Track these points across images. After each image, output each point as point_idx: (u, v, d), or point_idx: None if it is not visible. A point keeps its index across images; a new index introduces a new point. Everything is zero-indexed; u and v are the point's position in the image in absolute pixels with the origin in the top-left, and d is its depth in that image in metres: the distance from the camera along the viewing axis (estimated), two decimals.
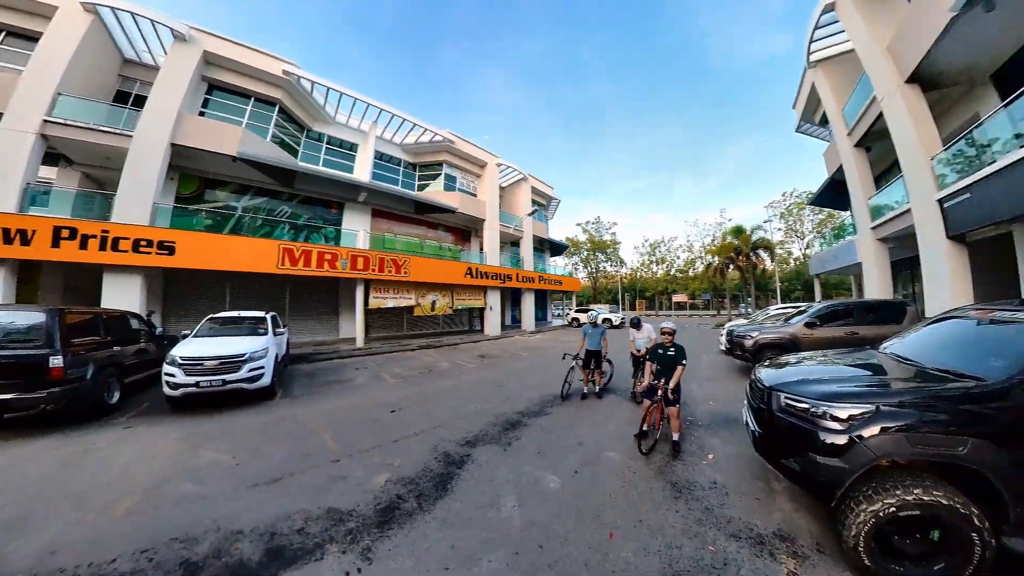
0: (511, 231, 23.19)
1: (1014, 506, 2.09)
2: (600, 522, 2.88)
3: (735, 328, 9.68)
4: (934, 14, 7.62)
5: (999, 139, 7.12)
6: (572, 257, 52.93)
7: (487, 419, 5.38)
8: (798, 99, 17.15)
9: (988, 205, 7.26)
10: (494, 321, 20.00)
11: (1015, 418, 2.16)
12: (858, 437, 2.37)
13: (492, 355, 12.26)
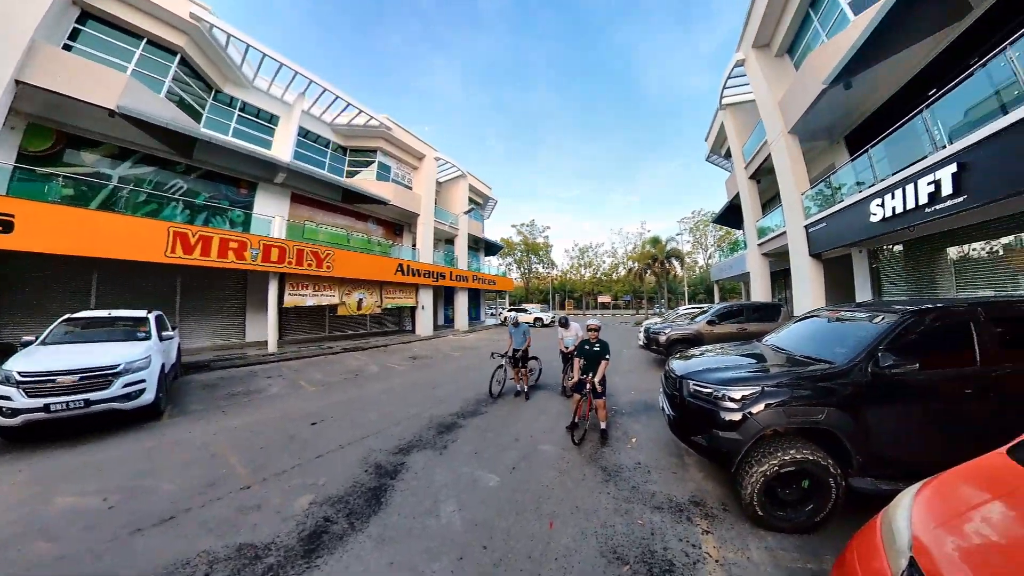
0: (446, 228, 22.60)
1: (856, 456, 2.75)
2: (540, 513, 3.00)
3: (651, 325, 10.82)
4: (812, 84, 9.45)
5: (845, 184, 9.31)
6: (506, 258, 53.87)
7: (421, 423, 5.18)
8: (710, 133, 20.08)
9: (836, 233, 9.35)
10: (426, 321, 19.29)
11: (854, 391, 2.82)
12: (749, 413, 2.90)
13: (424, 356, 11.84)
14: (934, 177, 6.18)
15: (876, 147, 8.13)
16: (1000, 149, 5.24)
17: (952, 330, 3.04)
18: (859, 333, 3.24)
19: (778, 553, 2.54)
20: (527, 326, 6.78)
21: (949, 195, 5.99)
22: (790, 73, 11.97)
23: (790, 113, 10.96)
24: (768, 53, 12.51)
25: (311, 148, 17.01)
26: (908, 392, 2.84)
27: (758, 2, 11.56)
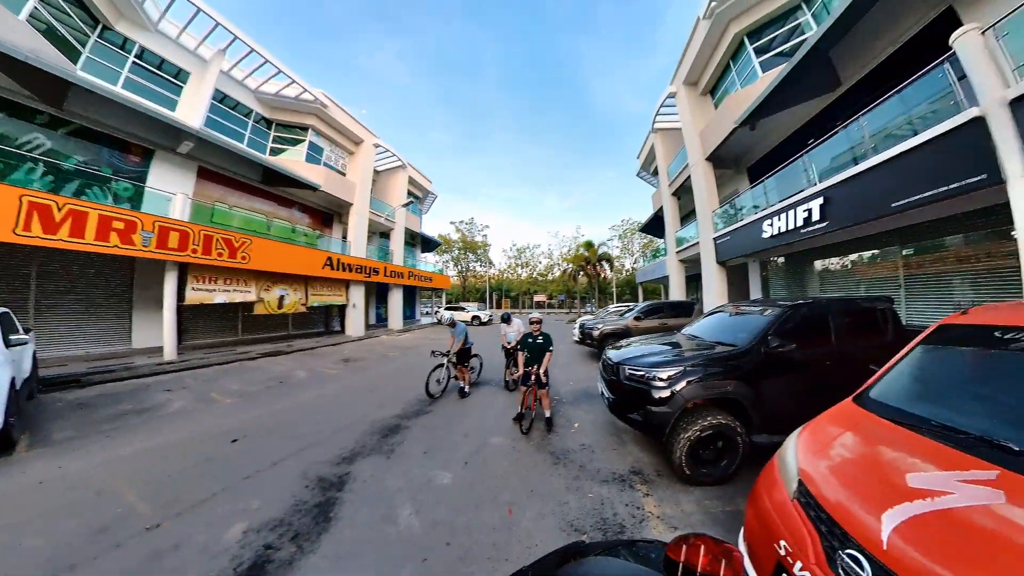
0: (382, 221, 21.33)
1: (755, 417, 3.43)
2: (498, 503, 3.11)
3: (585, 322, 11.68)
4: (726, 122, 11.17)
5: (745, 207, 11.14)
6: (443, 255, 52.87)
7: (363, 429, 4.90)
8: (641, 152, 22.12)
9: (737, 245, 11.05)
10: (357, 320, 18.01)
11: (752, 367, 3.56)
12: (675, 390, 3.46)
13: (358, 358, 11.15)
14: (808, 206, 7.74)
15: (769, 179, 9.91)
16: (852, 189, 6.78)
17: (817, 319, 3.96)
18: (754, 323, 4.03)
19: (704, 503, 3.11)
20: (464, 325, 6.73)
21: (817, 220, 7.56)
22: (711, 110, 13.94)
23: (708, 143, 12.83)
24: (695, 90, 14.46)
25: (228, 116, 14.58)
26: (789, 365, 3.63)
27: (691, 47, 13.12)
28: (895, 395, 2.21)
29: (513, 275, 60.06)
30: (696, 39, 12.59)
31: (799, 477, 1.83)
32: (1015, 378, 1.90)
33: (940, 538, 1.28)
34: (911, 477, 1.55)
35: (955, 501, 1.37)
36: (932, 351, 2.33)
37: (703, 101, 14.33)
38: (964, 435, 1.70)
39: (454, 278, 54.30)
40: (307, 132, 17.04)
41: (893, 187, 5.89)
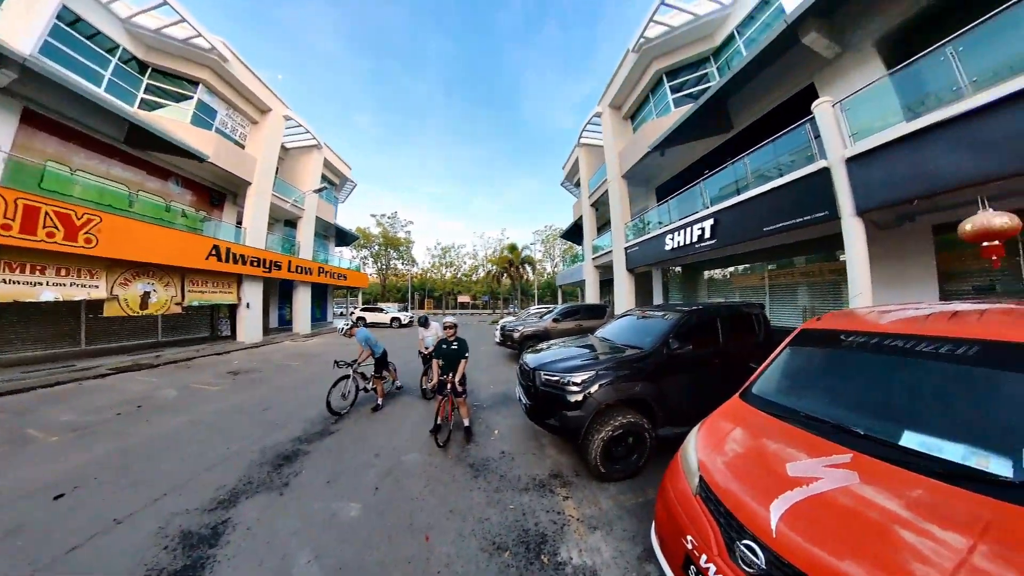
0: (288, 206, 18.23)
1: (660, 413, 3.67)
2: (414, 530, 2.82)
3: (507, 323, 11.78)
4: (641, 146, 12.50)
5: (652, 222, 12.41)
6: (361, 250, 49.17)
7: (249, 460, 4.04)
8: (567, 164, 23.33)
9: (644, 255, 12.24)
10: (253, 323, 15.30)
11: (656, 367, 3.83)
12: (588, 394, 3.54)
13: (251, 370, 9.42)
14: (701, 225, 8.89)
15: (673, 200, 11.19)
16: (735, 214, 7.97)
17: (708, 323, 4.42)
18: (658, 326, 4.35)
19: (619, 497, 3.23)
20: (366, 332, 6.00)
21: (708, 238, 8.72)
22: (630, 133, 15.41)
23: (625, 163, 14.17)
24: (618, 114, 15.82)
25: (81, 48, 10.72)
26: (687, 364, 3.98)
27: (619, 75, 14.25)
28: (772, 391, 2.51)
29: (437, 275, 58.51)
30: (624, 69, 13.76)
31: (699, 472, 1.97)
32: (853, 372, 2.29)
33: (816, 521, 1.45)
34: (790, 467, 1.74)
35: (824, 485, 1.56)
36: (797, 351, 2.71)
37: (624, 125, 15.78)
38: (824, 423, 1.98)
39: (373, 276, 50.85)
40: (197, 88, 13.69)
41: (765, 215, 7.14)
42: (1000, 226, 4.33)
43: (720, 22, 11.11)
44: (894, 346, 2.17)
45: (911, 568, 1.21)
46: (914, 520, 1.35)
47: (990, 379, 1.73)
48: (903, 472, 1.54)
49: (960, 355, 1.88)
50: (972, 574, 1.14)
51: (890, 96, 5.63)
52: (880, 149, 5.22)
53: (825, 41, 7.27)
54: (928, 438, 1.66)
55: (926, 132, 4.71)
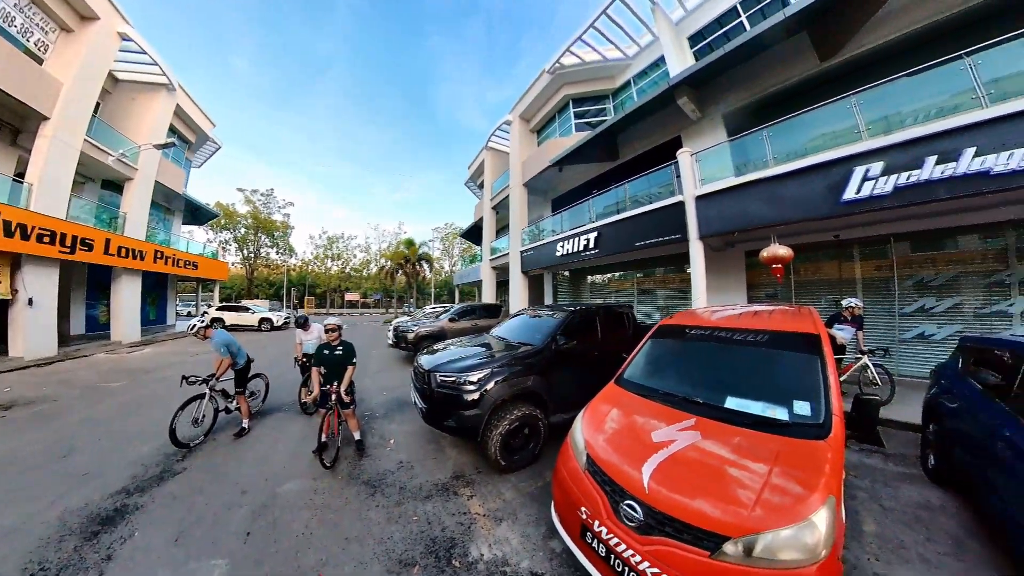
0: (111, 161, 12.89)
1: (551, 403, 3.95)
2: (303, 571, 2.42)
3: (400, 324, 11.19)
4: (542, 160, 13.68)
5: (546, 230, 13.57)
6: (222, 232, 40.53)
7: (39, 536, 2.75)
8: (473, 164, 23.48)
9: (537, 260, 13.29)
10: (39, 328, 10.31)
11: (546, 362, 4.09)
12: (485, 391, 3.59)
13: (37, 399, 6.51)
14: (587, 237, 10.18)
15: (565, 212, 12.45)
16: (614, 229, 9.39)
17: (589, 321, 4.97)
18: (547, 324, 4.71)
19: (520, 486, 3.40)
20: (226, 335, 4.82)
21: (592, 248, 10.03)
22: (534, 146, 16.48)
23: (527, 172, 15.13)
24: (527, 126, 16.73)
25: None
26: (572, 358, 4.39)
27: (532, 91, 15.14)
28: (638, 375, 3.06)
29: (321, 268, 51.84)
30: (538, 86, 14.73)
31: (586, 450, 2.25)
32: (694, 357, 3.01)
33: (675, 474, 1.84)
34: (654, 435, 2.14)
35: (678, 445, 1.99)
36: (656, 343, 3.35)
37: (530, 137, 16.86)
38: (676, 397, 2.53)
39: (236, 266, 42.47)
40: None
41: (637, 232, 8.72)
42: (783, 254, 6.34)
43: (621, 69, 13.10)
44: (719, 336, 3.00)
45: (736, 494, 1.68)
46: (736, 459, 1.89)
47: (775, 357, 2.56)
48: (728, 427, 2.13)
49: (758, 341, 2.73)
50: (772, 488, 1.66)
51: (727, 156, 7.53)
52: (717, 193, 6.95)
53: (692, 106, 9.27)
54: (742, 400, 2.32)
55: (745, 186, 6.55)
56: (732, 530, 1.55)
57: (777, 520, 1.53)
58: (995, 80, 4.72)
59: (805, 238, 7.29)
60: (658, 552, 1.65)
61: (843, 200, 5.36)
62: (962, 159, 4.49)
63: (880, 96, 5.64)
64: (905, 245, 6.72)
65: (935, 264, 6.46)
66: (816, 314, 3.17)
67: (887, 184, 5.00)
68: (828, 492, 1.60)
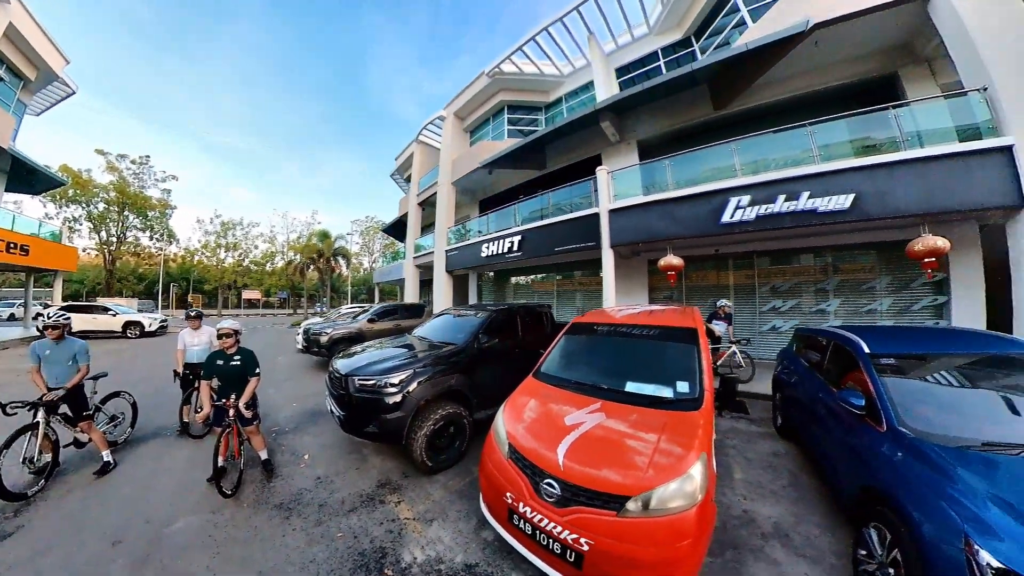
0: None
1: (474, 400, 4.03)
2: None
3: (312, 326, 10.12)
4: (473, 160, 13.69)
5: (472, 230, 13.66)
6: (70, 206, 29.82)
7: None
8: (400, 156, 22.40)
9: (462, 259, 13.31)
10: None
11: (469, 360, 4.17)
12: (407, 393, 3.53)
13: None
14: (512, 239, 10.60)
15: (492, 214, 12.69)
16: (538, 234, 9.99)
17: (510, 320, 5.19)
18: (470, 323, 4.79)
19: (448, 484, 3.42)
20: (82, 344, 3.85)
21: (516, 250, 10.49)
22: (466, 145, 16.36)
23: (457, 171, 14.93)
24: (460, 124, 16.51)
25: None
26: (494, 356, 4.51)
27: (469, 91, 15.15)
28: (554, 368, 3.36)
29: (212, 258, 43.43)
30: (475, 86, 14.78)
31: (508, 441, 2.42)
32: (601, 349, 3.44)
33: (585, 450, 2.12)
34: (567, 419, 2.41)
35: (587, 426, 2.28)
36: (570, 338, 3.70)
37: (463, 136, 16.72)
38: (586, 385, 2.87)
39: (91, 252, 34.02)
40: None
41: (557, 238, 9.44)
42: (676, 263, 7.64)
43: (556, 85, 14.14)
44: (621, 331, 3.51)
45: (634, 460, 2.03)
46: (634, 433, 2.26)
47: (663, 347, 3.09)
48: (627, 407, 2.52)
49: (652, 335, 3.27)
50: (661, 452, 2.03)
51: (638, 177, 8.65)
52: (627, 208, 7.93)
53: (612, 130, 10.35)
54: (638, 384, 2.76)
55: (650, 204, 7.63)
56: (632, 490, 1.85)
57: (665, 477, 1.88)
58: (825, 145, 6.47)
59: (694, 251, 8.65)
60: (575, 520, 1.88)
61: (721, 222, 6.69)
62: (801, 198, 6.03)
63: (752, 145, 7.22)
64: (765, 259, 8.55)
65: (783, 275, 8.35)
66: (697, 312, 3.88)
67: (752, 213, 6.39)
68: (701, 450, 2.01)
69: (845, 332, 3.34)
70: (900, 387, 2.54)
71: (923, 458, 2.03)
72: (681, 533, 1.75)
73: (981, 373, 2.67)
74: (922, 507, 1.84)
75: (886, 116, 6.19)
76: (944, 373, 2.68)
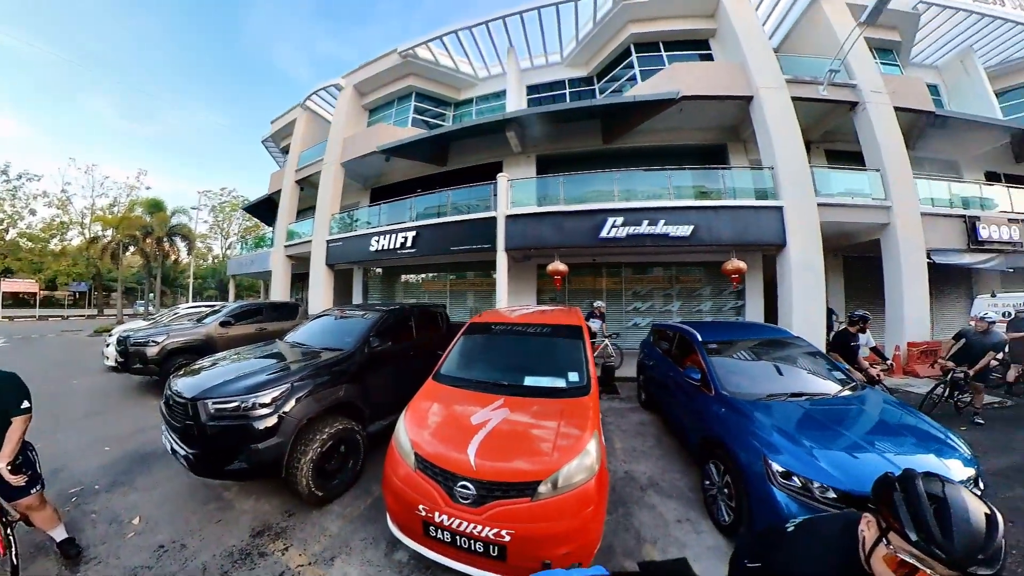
0: None
1: (368, 411, 3.64)
2: None
3: (132, 333, 7.63)
4: (369, 143, 12.33)
5: (361, 220, 12.48)
6: None
7: None
8: (279, 120, 18.19)
9: (347, 252, 12.00)
10: None
11: (359, 367, 3.72)
12: (284, 413, 2.91)
13: None
14: (405, 235, 10.07)
15: (386, 205, 11.82)
16: (433, 232, 9.81)
17: (404, 320, 4.86)
18: (358, 326, 4.27)
19: (346, 512, 2.98)
20: None
21: (410, 246, 10.03)
22: (363, 124, 14.51)
23: (348, 151, 13.03)
24: (360, 99, 14.51)
25: None
26: (387, 360, 4.12)
27: (376, 66, 13.61)
28: (454, 369, 3.34)
29: None
30: (384, 63, 13.35)
31: (414, 450, 2.29)
32: (500, 348, 3.62)
33: (494, 446, 2.19)
34: (473, 418, 2.44)
35: (493, 423, 2.35)
36: (468, 338, 3.73)
37: (361, 113, 14.80)
38: (487, 383, 2.96)
39: None
40: None
41: (454, 237, 9.45)
42: (562, 269, 8.60)
43: (469, 85, 13.94)
44: (518, 330, 3.77)
45: (540, 447, 2.21)
46: (537, 422, 2.44)
47: (555, 343, 3.45)
48: (528, 399, 2.71)
49: (544, 333, 3.62)
50: (562, 436, 2.24)
51: (533, 189, 9.41)
52: (523, 216, 8.82)
53: (516, 141, 10.86)
54: (536, 377, 3.01)
55: (543, 215, 8.51)
56: (542, 475, 2.00)
57: (569, 456, 2.09)
58: (677, 187, 8.58)
59: (576, 259, 9.73)
60: (494, 515, 1.94)
61: (600, 237, 8.10)
62: (659, 224, 7.83)
63: (628, 177, 8.99)
64: (629, 270, 10.61)
65: (642, 282, 10.55)
66: (579, 312, 4.48)
67: (624, 232, 7.98)
68: (593, 428, 2.31)
69: (685, 326, 4.46)
70: (720, 364, 3.52)
71: (736, 410, 2.91)
72: (586, 501, 1.99)
73: (763, 351, 3.91)
74: (739, 443, 2.65)
75: (717, 173, 8.87)
76: (744, 352, 3.87)
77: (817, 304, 7.74)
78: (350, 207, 13.86)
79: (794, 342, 3.98)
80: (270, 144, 20.18)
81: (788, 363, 3.61)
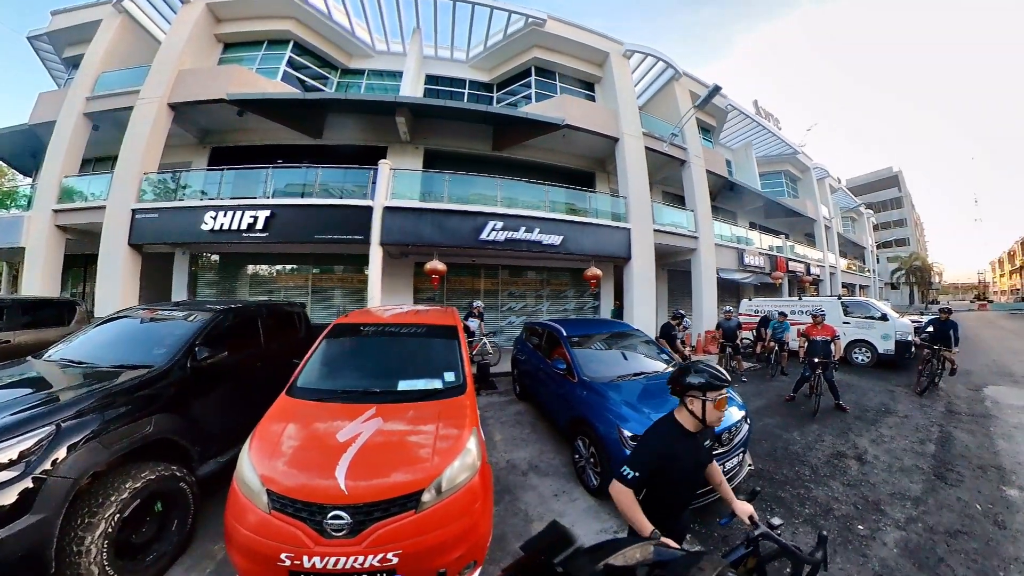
0: None
1: (196, 448, 2.74)
2: None
3: None
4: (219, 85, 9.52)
5: (192, 187, 9.31)
6: None
7: None
8: (67, 14, 10.78)
9: (167, 229, 8.74)
10: None
11: (178, 389, 2.75)
12: (44, 473, 1.86)
13: None
14: (256, 214, 8.13)
15: (231, 172, 9.25)
16: (294, 214, 8.35)
17: (248, 322, 3.89)
18: (177, 331, 3.21)
19: None
20: None
21: (261, 229, 8.13)
22: (213, 60, 10.99)
23: (183, 88, 9.56)
24: (215, 25, 11.03)
25: None
26: (223, 375, 3.25)
27: None
28: (314, 380, 2.86)
29: None
30: None
31: (265, 487, 1.83)
32: (370, 351, 3.35)
33: (367, 463, 1.98)
34: (339, 435, 2.14)
35: (364, 437, 2.12)
36: (332, 342, 3.28)
37: (212, 43, 11.00)
38: (356, 392, 2.69)
39: None
40: None
41: (320, 223, 8.21)
42: (441, 268, 8.45)
43: (363, 54, 12.46)
44: (390, 331, 3.58)
45: (419, 454, 2.08)
46: (414, 428, 2.34)
47: (430, 344, 3.40)
48: (403, 405, 2.57)
49: (419, 333, 3.54)
50: (441, 438, 2.18)
51: (417, 182, 9.14)
52: (403, 209, 8.13)
53: (405, 128, 10.08)
54: (411, 381, 2.88)
55: (424, 211, 8.28)
56: (424, 482, 1.89)
57: (450, 458, 2.04)
58: (553, 201, 9.67)
59: (455, 259, 9.73)
60: (376, 539, 1.73)
61: (480, 239, 8.37)
62: (534, 232, 8.62)
63: (511, 185, 9.49)
64: (506, 272, 11.38)
65: (517, 284, 11.51)
66: (456, 312, 4.32)
67: (503, 235, 8.48)
68: (472, 425, 2.32)
69: (553, 323, 5.09)
70: (581, 354, 4.13)
71: (595, 392, 3.50)
72: (473, 498, 1.97)
73: (613, 341, 4.72)
74: (599, 418, 3.20)
75: (585, 195, 10.42)
76: (599, 343, 4.60)
77: (650, 305, 10.21)
78: (176, 167, 10.09)
79: (635, 334, 5.02)
80: (44, 46, 12.68)
81: (631, 350, 4.51)
